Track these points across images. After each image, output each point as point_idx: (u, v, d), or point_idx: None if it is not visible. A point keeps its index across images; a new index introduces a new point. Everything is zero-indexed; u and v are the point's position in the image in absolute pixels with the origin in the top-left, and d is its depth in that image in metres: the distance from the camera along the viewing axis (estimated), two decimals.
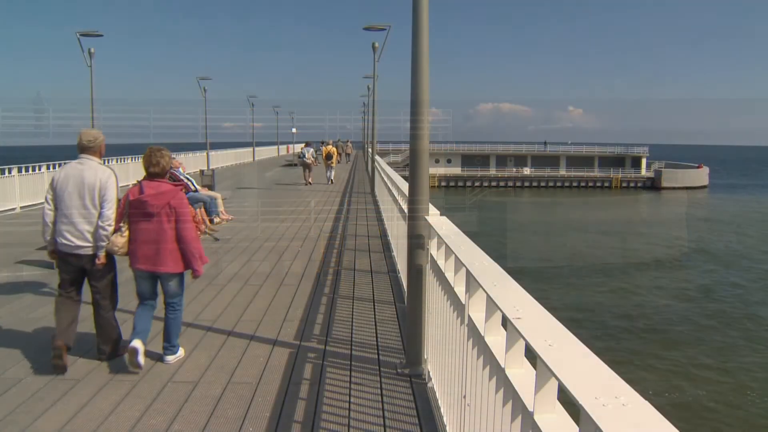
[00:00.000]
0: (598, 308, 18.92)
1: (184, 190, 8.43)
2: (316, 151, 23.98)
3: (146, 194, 4.30)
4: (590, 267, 25.51)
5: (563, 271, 24.53)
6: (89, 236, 4.36)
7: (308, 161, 22.55)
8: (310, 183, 21.92)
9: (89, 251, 4.37)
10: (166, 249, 4.30)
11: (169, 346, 4.47)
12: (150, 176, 4.44)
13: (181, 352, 4.55)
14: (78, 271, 4.47)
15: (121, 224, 4.36)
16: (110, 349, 4.48)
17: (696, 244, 31.47)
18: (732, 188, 68.31)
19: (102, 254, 4.36)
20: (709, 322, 17.63)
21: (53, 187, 4.45)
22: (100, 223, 4.34)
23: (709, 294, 20.98)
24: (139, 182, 4.45)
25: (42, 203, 4.64)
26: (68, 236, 4.36)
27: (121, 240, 4.33)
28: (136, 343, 4.17)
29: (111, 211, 4.38)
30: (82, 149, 4.51)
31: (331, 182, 22.72)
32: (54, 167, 14.95)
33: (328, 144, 24.45)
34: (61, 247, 4.40)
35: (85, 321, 4.68)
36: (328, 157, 23.18)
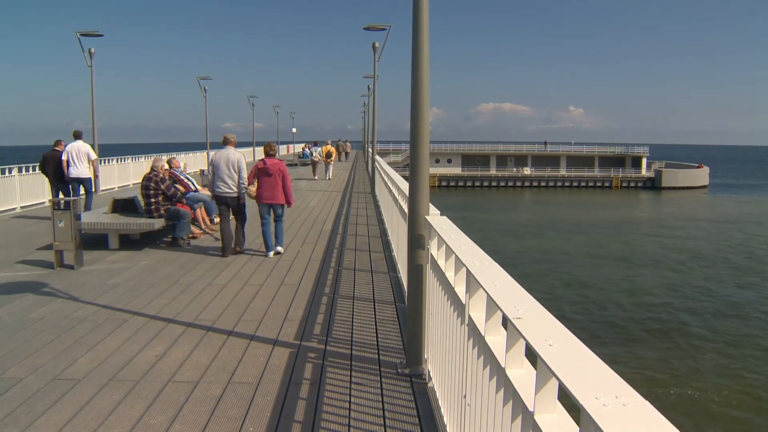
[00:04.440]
0: (599, 308, 18.93)
1: (184, 190, 9.55)
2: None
3: (268, 165, 8.37)
4: (590, 266, 25.54)
5: (564, 269, 24.56)
6: (232, 187, 8.30)
7: (316, 159, 24.64)
8: (316, 179, 23.72)
9: (231, 194, 8.34)
10: (278, 192, 8.40)
11: (278, 241, 8.55)
12: (268, 156, 8.54)
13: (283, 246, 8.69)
14: (226, 205, 8.39)
15: (254, 180, 8.47)
16: (238, 249, 8.51)
17: (696, 244, 31.49)
18: (732, 188, 68.30)
19: (244, 196, 8.48)
20: (710, 321, 17.64)
21: (212, 162, 8.36)
22: (241, 181, 8.34)
23: (710, 294, 20.98)
24: (263, 159, 8.48)
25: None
26: (221, 187, 8.29)
27: (253, 189, 8.52)
28: (280, 249, 8.55)
29: (245, 174, 8.37)
30: (226, 143, 8.47)
31: (329, 179, 23.92)
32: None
33: (326, 144, 25.69)
34: (218, 192, 8.34)
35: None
36: (328, 155, 24.53)
